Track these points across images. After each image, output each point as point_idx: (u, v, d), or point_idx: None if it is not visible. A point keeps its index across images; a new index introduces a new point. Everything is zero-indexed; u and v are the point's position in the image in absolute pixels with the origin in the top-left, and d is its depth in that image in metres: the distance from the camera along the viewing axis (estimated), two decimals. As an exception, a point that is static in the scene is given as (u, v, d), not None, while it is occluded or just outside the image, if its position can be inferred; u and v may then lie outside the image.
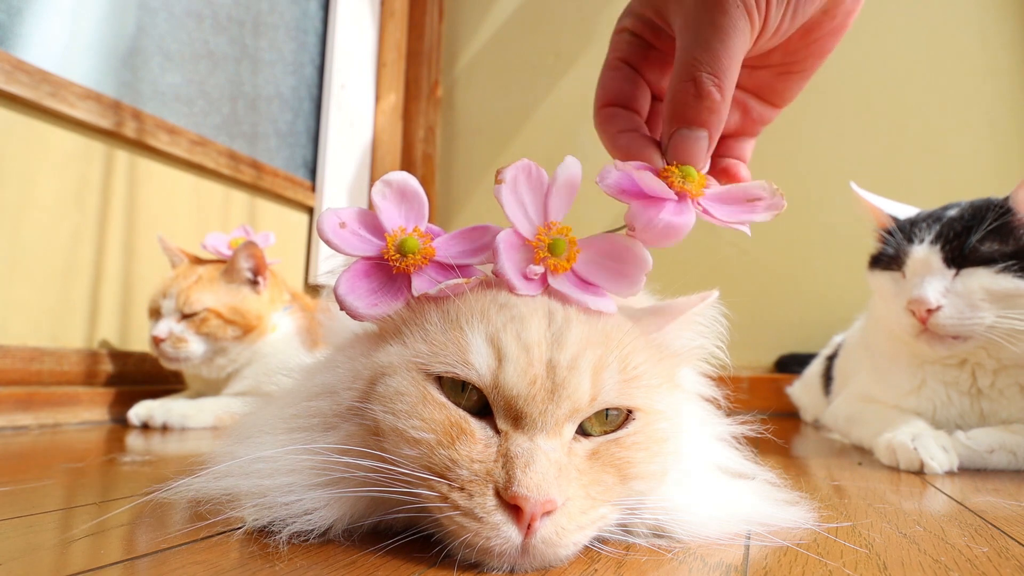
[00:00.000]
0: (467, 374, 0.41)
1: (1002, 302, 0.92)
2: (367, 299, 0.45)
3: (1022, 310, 0.91)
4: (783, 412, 1.76)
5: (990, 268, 0.92)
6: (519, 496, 0.37)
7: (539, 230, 0.45)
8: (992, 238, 0.93)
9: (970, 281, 0.92)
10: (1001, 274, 0.91)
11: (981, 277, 0.92)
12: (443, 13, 2.41)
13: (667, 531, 0.45)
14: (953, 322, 0.92)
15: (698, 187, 0.45)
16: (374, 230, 0.47)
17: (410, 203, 0.48)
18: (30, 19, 1.24)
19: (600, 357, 0.42)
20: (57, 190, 1.27)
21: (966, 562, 0.44)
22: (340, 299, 0.44)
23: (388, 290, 0.46)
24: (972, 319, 0.92)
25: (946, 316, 0.92)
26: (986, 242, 0.93)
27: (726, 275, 2.06)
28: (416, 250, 0.45)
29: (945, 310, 0.92)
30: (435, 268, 0.46)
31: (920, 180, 1.90)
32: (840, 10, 0.47)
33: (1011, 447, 0.91)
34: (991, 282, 0.91)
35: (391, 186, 0.47)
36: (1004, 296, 0.91)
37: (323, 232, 0.46)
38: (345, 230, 0.46)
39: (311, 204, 2.00)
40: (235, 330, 1.30)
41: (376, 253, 0.46)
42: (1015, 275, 0.91)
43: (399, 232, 0.46)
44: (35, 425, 1.16)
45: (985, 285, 0.92)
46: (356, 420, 0.44)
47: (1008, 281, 0.91)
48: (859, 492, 0.70)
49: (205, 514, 0.46)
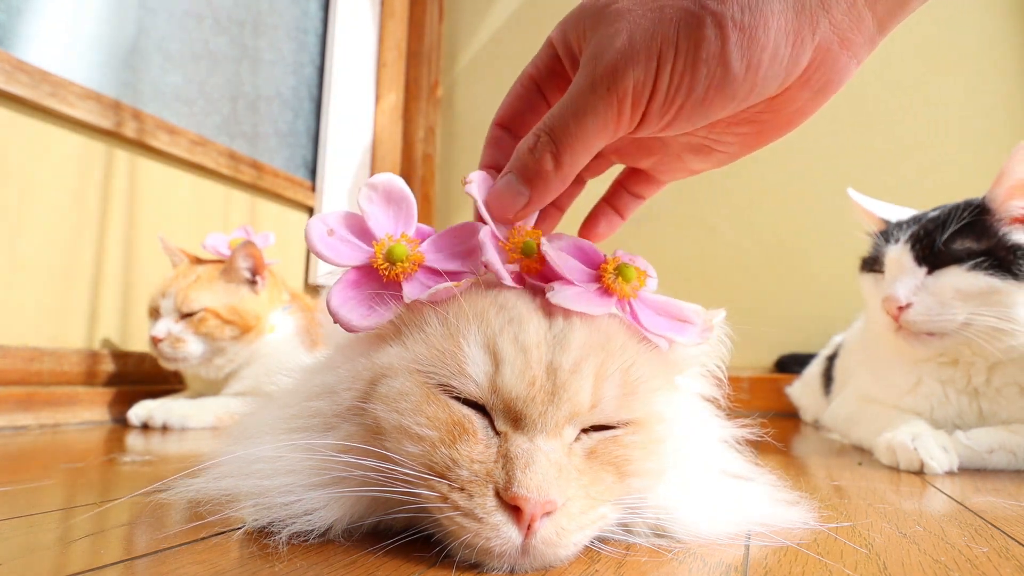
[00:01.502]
0: (463, 385, 0.41)
1: (976, 300, 0.92)
2: (359, 310, 0.45)
3: (997, 307, 0.91)
4: (783, 412, 1.76)
5: (961, 266, 0.93)
6: (519, 497, 0.37)
7: (511, 232, 0.47)
8: (965, 237, 0.94)
9: (941, 279, 0.94)
10: (972, 272, 0.92)
11: (952, 275, 0.93)
12: (443, 13, 2.41)
13: (667, 531, 0.45)
14: (923, 319, 0.94)
15: (628, 289, 0.46)
16: (363, 235, 0.47)
17: (398, 205, 0.47)
18: (30, 19, 1.24)
19: (603, 364, 0.42)
20: (57, 190, 1.27)
21: (966, 562, 0.44)
22: (333, 312, 0.44)
23: (381, 297, 0.45)
24: (943, 316, 0.93)
25: (916, 313, 0.94)
26: (958, 241, 0.94)
27: (726, 275, 2.06)
28: (404, 257, 0.45)
29: (915, 307, 0.94)
30: (425, 273, 0.46)
31: (920, 180, 1.90)
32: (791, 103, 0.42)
33: (1011, 447, 0.91)
34: (960, 280, 0.92)
35: (377, 189, 0.47)
36: (977, 294, 0.92)
37: (311, 242, 0.45)
38: (334, 237, 0.46)
39: (311, 204, 2.00)
40: (233, 330, 1.30)
41: (366, 260, 0.46)
42: (986, 272, 0.92)
43: (387, 240, 0.46)
44: (35, 425, 1.16)
45: (955, 283, 0.93)
46: (356, 420, 0.44)
47: (979, 279, 0.92)
48: (859, 492, 0.70)
49: (205, 514, 0.46)
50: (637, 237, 2.14)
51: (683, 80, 0.39)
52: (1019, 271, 0.90)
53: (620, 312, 0.46)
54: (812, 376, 1.59)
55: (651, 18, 0.39)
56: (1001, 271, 0.91)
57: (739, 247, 2.07)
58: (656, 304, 0.48)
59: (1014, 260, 0.91)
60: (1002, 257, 0.91)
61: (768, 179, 2.00)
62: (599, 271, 0.46)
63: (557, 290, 0.44)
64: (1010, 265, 0.91)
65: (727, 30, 0.37)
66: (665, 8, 0.39)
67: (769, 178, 2.00)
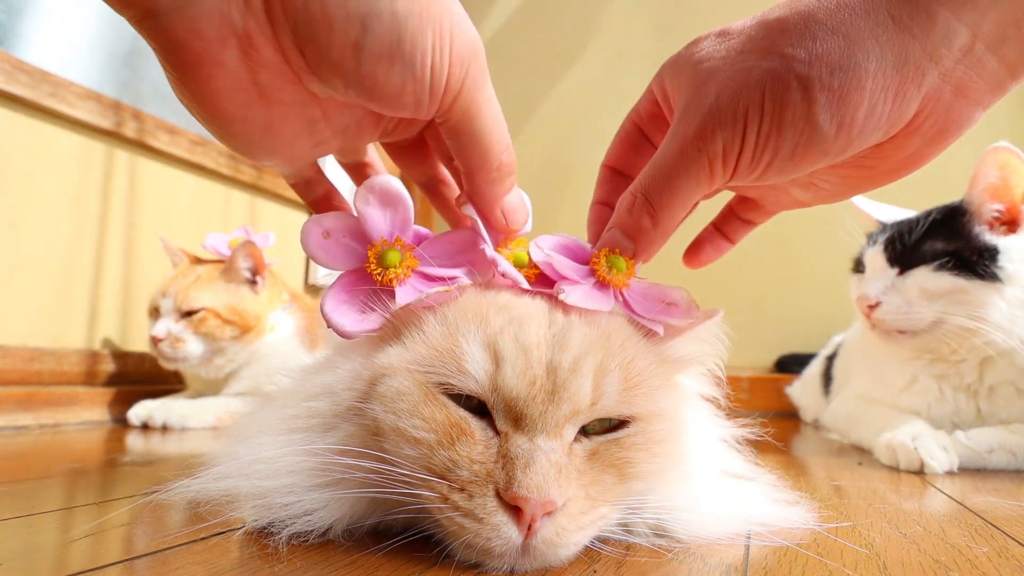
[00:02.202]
0: (463, 383, 0.41)
1: (944, 299, 0.95)
2: (352, 315, 0.45)
3: (967, 307, 0.93)
4: (783, 412, 1.76)
5: (928, 266, 0.96)
6: (519, 497, 0.37)
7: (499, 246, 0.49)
8: (936, 238, 0.97)
9: (909, 279, 0.97)
10: (937, 272, 0.95)
11: (919, 275, 0.96)
12: (443, 13, 2.41)
13: (667, 531, 0.45)
14: (892, 317, 0.97)
15: (622, 279, 0.46)
16: (359, 238, 0.47)
17: (395, 207, 0.47)
18: (30, 19, 1.24)
19: (602, 362, 0.42)
20: (57, 190, 1.27)
21: (966, 562, 0.44)
22: (326, 317, 0.44)
23: (376, 301, 0.45)
24: (910, 315, 0.96)
25: (884, 312, 0.98)
26: (928, 242, 0.97)
27: (726, 275, 2.06)
28: (397, 263, 0.45)
29: (884, 306, 0.98)
30: (418, 278, 0.46)
31: (920, 180, 1.90)
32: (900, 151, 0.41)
33: (1010, 447, 0.91)
34: (926, 280, 0.95)
35: (373, 191, 0.47)
36: (944, 293, 0.94)
37: (307, 245, 0.45)
38: (330, 240, 0.46)
39: (311, 204, 2.00)
40: (233, 330, 1.30)
41: (361, 264, 0.46)
42: (952, 272, 0.94)
43: (381, 244, 0.46)
44: (35, 425, 1.16)
45: (921, 283, 0.96)
46: (356, 420, 0.44)
47: (944, 279, 0.94)
48: (859, 492, 0.70)
49: (205, 515, 0.46)
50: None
51: (768, 141, 0.39)
52: (984, 271, 0.92)
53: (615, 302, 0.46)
54: (812, 376, 1.59)
55: (739, 80, 0.40)
56: (967, 271, 0.93)
57: (739, 247, 2.06)
58: (643, 291, 0.48)
59: (978, 260, 0.93)
60: (966, 257, 0.94)
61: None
62: (591, 265, 0.47)
63: (567, 291, 0.44)
64: (974, 265, 0.93)
65: (813, 92, 0.38)
66: (752, 70, 0.39)
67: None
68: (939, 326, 0.95)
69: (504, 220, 0.48)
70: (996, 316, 0.92)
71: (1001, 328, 0.92)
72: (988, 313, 0.92)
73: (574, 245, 0.49)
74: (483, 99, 0.43)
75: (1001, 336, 0.92)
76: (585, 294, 0.45)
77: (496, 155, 0.45)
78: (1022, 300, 0.92)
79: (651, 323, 0.46)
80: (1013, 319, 0.92)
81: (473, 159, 0.45)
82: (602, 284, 0.46)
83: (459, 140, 0.44)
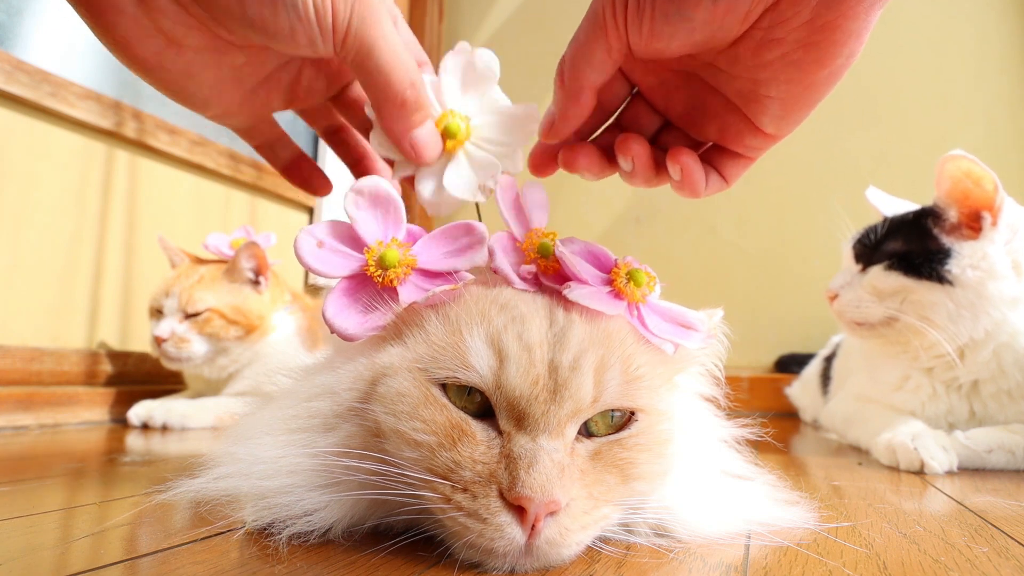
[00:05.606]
0: (467, 377, 0.41)
1: (892, 297, 0.99)
2: (355, 318, 0.45)
3: (916, 307, 0.97)
4: (783, 412, 1.76)
5: (881, 265, 1.00)
6: (523, 497, 0.37)
7: (527, 234, 0.49)
8: (897, 239, 1.01)
9: (866, 276, 1.02)
10: (887, 271, 0.99)
11: (872, 273, 1.01)
12: (443, 13, 2.41)
13: (668, 530, 0.46)
14: (845, 309, 1.04)
15: (639, 294, 0.46)
16: (353, 243, 0.46)
17: (385, 208, 0.47)
18: (30, 19, 1.24)
19: (602, 358, 0.42)
20: (57, 190, 1.27)
21: (966, 562, 0.44)
22: (329, 322, 0.44)
23: (378, 302, 0.45)
24: (860, 309, 1.02)
25: (840, 304, 1.05)
26: (889, 242, 1.02)
27: (726, 275, 2.06)
28: (396, 263, 0.45)
29: (840, 298, 1.05)
30: (419, 276, 0.46)
31: (919, 180, 1.90)
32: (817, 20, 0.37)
33: (1010, 447, 0.91)
34: (876, 277, 1.01)
35: (363, 194, 0.47)
36: (891, 292, 0.99)
37: (302, 257, 0.45)
38: (324, 249, 0.46)
39: (311, 204, 2.00)
40: (237, 330, 1.30)
41: (359, 268, 0.46)
42: (900, 272, 0.98)
43: (378, 246, 0.46)
44: (35, 425, 1.16)
45: (872, 280, 1.01)
46: (357, 421, 0.44)
47: (892, 278, 0.99)
48: (859, 492, 0.71)
49: (205, 515, 0.46)
50: (637, 237, 2.14)
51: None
52: (930, 272, 0.95)
53: (629, 316, 0.46)
54: (811, 376, 1.59)
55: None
56: (913, 271, 0.96)
57: (739, 247, 2.07)
58: (663, 310, 0.48)
59: (924, 262, 0.96)
60: (915, 258, 0.97)
61: (768, 179, 2.00)
62: (611, 275, 0.47)
63: (574, 288, 0.44)
64: (919, 267, 0.96)
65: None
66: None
67: (769, 178, 1.99)
68: (893, 323, 1.00)
69: (414, 153, 0.50)
70: (942, 317, 0.95)
71: (946, 330, 0.94)
72: (934, 314, 0.95)
73: (600, 253, 0.49)
74: (378, 34, 0.45)
75: (944, 336, 0.94)
76: (591, 293, 0.45)
77: (398, 90, 0.47)
78: (972, 303, 0.93)
79: (662, 342, 0.47)
80: (959, 320, 0.94)
81: (375, 94, 0.47)
82: (617, 295, 0.46)
83: (360, 76, 0.47)
